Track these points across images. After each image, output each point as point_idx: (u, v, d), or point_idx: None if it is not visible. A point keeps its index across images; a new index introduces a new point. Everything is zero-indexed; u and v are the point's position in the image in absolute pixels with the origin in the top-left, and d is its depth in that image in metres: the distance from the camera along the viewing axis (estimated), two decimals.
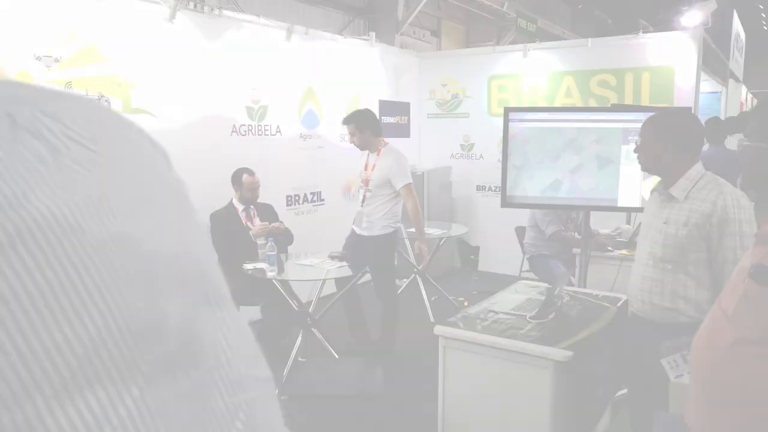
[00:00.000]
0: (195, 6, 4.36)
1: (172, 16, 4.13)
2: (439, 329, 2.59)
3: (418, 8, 10.13)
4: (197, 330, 0.39)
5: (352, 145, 4.19)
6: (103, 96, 3.77)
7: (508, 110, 3.69)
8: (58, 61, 3.56)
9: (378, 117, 6.04)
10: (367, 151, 4.13)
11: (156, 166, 0.48)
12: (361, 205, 4.12)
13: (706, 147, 5.89)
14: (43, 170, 0.36)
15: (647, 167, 2.27)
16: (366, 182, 4.09)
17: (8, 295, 0.30)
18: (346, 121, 4.12)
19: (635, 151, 2.30)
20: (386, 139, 4.20)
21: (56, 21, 3.54)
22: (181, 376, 0.38)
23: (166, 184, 0.46)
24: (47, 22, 3.49)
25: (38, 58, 3.47)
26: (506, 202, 3.71)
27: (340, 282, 4.20)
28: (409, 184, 4.03)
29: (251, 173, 4.21)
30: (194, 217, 0.46)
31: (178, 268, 0.40)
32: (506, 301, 2.98)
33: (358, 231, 4.17)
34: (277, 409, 0.51)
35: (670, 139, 2.14)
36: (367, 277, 4.42)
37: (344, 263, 4.04)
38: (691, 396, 1.57)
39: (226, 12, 4.71)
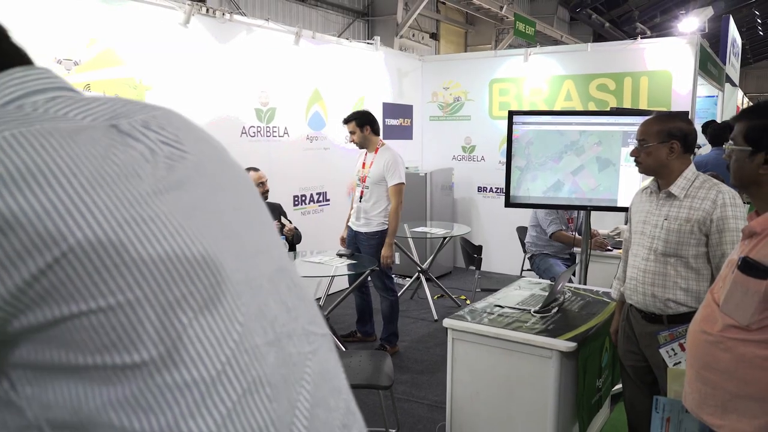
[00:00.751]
0: (207, 11, 4.48)
1: (187, 21, 4.25)
2: (447, 322, 2.71)
3: (417, 11, 10.26)
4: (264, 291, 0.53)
5: (354, 144, 4.35)
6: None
7: (512, 113, 3.81)
8: (77, 64, 3.68)
9: (381, 119, 6.18)
10: (365, 150, 4.30)
11: (225, 157, 0.63)
12: (359, 202, 4.27)
13: (707, 149, 6.01)
14: (147, 166, 0.50)
15: (649, 169, 2.32)
16: (363, 179, 4.24)
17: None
18: (347, 119, 4.28)
19: (632, 154, 2.35)
20: (385, 141, 4.35)
21: (76, 26, 3.65)
22: (267, 328, 0.52)
23: (233, 170, 0.62)
24: (68, 26, 3.61)
25: (59, 62, 3.59)
26: (510, 202, 3.82)
27: (352, 279, 4.33)
28: (401, 184, 4.17)
29: (256, 169, 4.33)
30: (257, 195, 0.61)
31: (242, 244, 0.55)
32: (511, 296, 3.10)
33: (354, 228, 4.31)
34: (336, 359, 0.65)
35: (676, 142, 2.26)
36: None
37: (352, 260, 4.17)
38: (687, 379, 1.71)
39: (236, 17, 4.83)
